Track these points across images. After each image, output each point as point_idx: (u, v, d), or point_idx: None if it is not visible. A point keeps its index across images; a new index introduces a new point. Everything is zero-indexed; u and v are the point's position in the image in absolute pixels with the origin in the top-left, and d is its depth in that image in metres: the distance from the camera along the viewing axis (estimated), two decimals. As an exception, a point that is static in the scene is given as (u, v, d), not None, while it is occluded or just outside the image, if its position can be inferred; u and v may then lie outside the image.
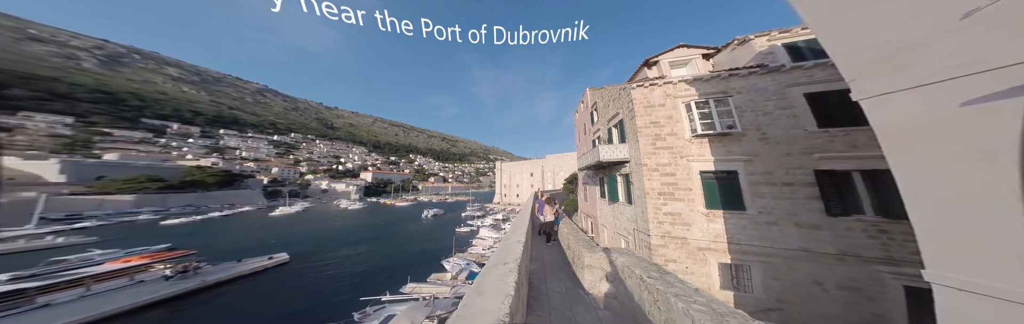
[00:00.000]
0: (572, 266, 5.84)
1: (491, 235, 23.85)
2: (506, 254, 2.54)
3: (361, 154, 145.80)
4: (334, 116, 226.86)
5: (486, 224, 30.06)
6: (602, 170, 10.43)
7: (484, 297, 1.43)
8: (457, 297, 11.78)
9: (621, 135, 9.10)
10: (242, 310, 12.41)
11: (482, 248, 20.48)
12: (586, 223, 13.02)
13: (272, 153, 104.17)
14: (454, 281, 13.80)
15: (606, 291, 4.00)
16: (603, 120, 10.88)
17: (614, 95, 9.96)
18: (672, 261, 6.56)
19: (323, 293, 13.96)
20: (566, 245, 7.59)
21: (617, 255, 4.08)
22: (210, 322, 11.53)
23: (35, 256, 19.24)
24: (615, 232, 9.52)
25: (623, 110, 8.85)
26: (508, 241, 3.23)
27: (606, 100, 10.86)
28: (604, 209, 10.61)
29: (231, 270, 16.32)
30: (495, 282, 1.65)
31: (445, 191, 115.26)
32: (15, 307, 11.50)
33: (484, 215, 40.15)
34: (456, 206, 56.73)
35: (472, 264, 15.97)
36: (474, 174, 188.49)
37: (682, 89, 7.22)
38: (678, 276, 3.03)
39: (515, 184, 55.79)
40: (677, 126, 7.08)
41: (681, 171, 6.73)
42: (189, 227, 34.50)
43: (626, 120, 8.65)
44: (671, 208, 6.71)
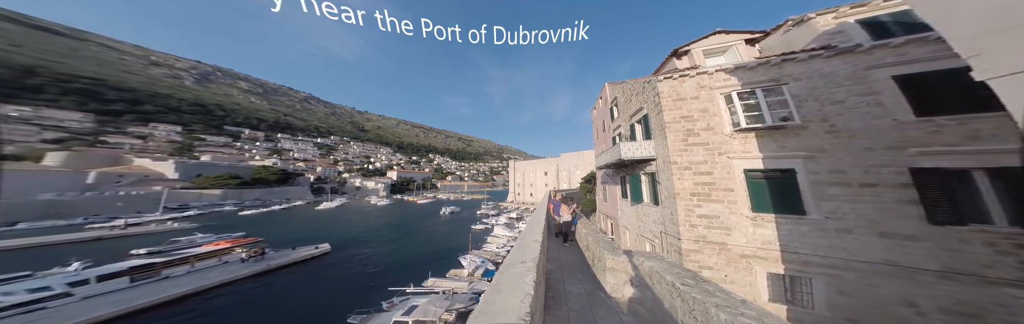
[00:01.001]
0: (592, 268, 5.48)
1: (505, 233, 23.55)
2: (523, 253, 2.46)
3: (387, 154, 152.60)
4: (364, 120, 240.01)
5: (500, 223, 29.55)
6: (624, 169, 9.50)
7: (504, 295, 1.41)
8: (474, 292, 11.71)
9: (646, 131, 8.16)
10: (294, 294, 13.42)
11: (496, 246, 20.18)
12: (605, 224, 12.09)
13: (317, 154, 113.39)
14: (470, 277, 13.76)
15: (630, 296, 3.67)
16: (624, 116, 9.93)
17: (637, 89, 9.00)
18: (707, 268, 5.63)
19: (358, 282, 14.60)
20: (585, 246, 7.16)
21: (643, 259, 3.63)
22: (269, 303, 12.54)
23: (159, 237, 23.48)
24: (639, 234, 8.60)
25: (648, 104, 7.91)
26: (524, 240, 3.02)
27: (628, 95, 9.90)
28: (626, 210, 9.68)
29: (287, 257, 17.83)
30: (513, 280, 1.63)
31: (461, 189, 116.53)
32: (149, 277, 13.93)
33: (498, 214, 39.24)
34: (471, 204, 56.25)
35: (487, 262, 15.78)
36: (488, 173, 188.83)
37: (720, 79, 6.20)
38: (719, 285, 2.60)
39: (528, 183, 54.90)
40: (714, 120, 6.08)
41: (719, 169, 5.75)
42: (257, 218, 38.95)
43: (651, 115, 7.71)
44: (707, 210, 5.76)
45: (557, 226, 7.50)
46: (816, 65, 4.95)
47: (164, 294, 12.28)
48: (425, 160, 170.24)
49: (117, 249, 18.76)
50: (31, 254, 19.59)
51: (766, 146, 5.22)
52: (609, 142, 11.65)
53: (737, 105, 5.76)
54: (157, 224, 30.81)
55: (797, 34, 5.81)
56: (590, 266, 5.79)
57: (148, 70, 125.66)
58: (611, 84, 12.41)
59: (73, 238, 24.04)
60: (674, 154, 6.40)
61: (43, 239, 23.26)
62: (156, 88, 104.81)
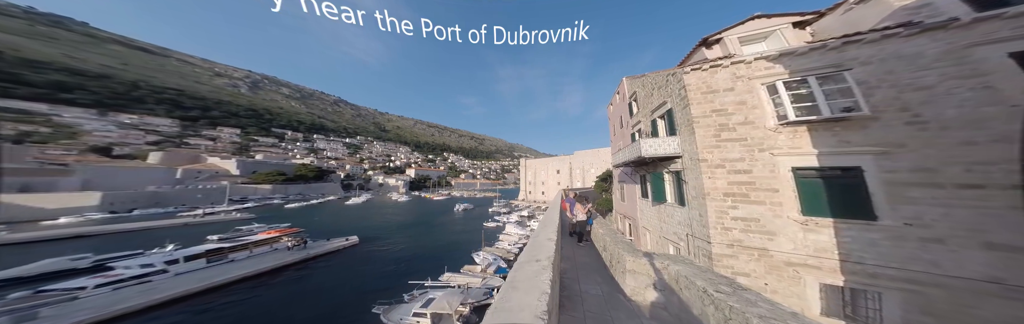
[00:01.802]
0: (610, 269, 5.21)
1: (517, 231, 23.37)
2: (537, 251, 2.36)
3: (406, 153, 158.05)
4: (385, 120, 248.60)
5: (511, 220, 28.89)
6: (644, 167, 8.76)
7: (520, 292, 1.37)
8: (487, 288, 11.67)
9: (670, 127, 7.41)
10: (328, 282, 14.25)
11: (508, 244, 20.07)
12: (623, 225, 11.37)
13: (345, 153, 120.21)
14: (483, 274, 13.73)
15: (653, 300, 3.44)
16: (645, 111, 9.14)
17: (659, 82, 8.21)
18: (742, 274, 4.94)
19: (382, 273, 15.18)
20: (602, 247, 6.75)
21: (668, 262, 3.32)
22: (308, 290, 13.45)
23: (226, 225, 26.90)
24: (661, 237, 7.89)
25: (673, 98, 7.15)
26: (538, 238, 2.92)
27: (648, 89, 9.10)
28: (646, 210, 8.96)
29: (323, 247, 19.16)
30: (529, 278, 1.59)
31: (474, 187, 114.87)
32: (219, 260, 15.69)
33: (510, 211, 38.79)
34: (484, 202, 56.42)
35: (499, 259, 15.72)
36: (499, 171, 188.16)
37: (761, 68, 5.37)
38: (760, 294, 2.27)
39: (540, 181, 53.94)
40: (753, 113, 5.29)
41: (761, 167, 4.98)
42: (299, 210, 42.89)
43: (676, 109, 6.96)
44: (744, 212, 5.04)
45: (571, 225, 7.04)
46: (892, 46, 4.05)
47: (229, 275, 13.76)
48: (440, 158, 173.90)
49: (197, 234, 21.19)
50: (141, 236, 23.00)
51: (822, 141, 4.40)
52: (627, 139, 10.87)
53: (783, 96, 4.94)
54: (225, 214, 35.07)
55: (862, 12, 4.86)
56: (608, 267, 5.51)
57: (214, 80, 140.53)
58: (629, 78, 11.56)
59: (168, 224, 28.17)
60: (704, 151, 5.68)
61: (149, 224, 27.58)
62: (220, 96, 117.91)
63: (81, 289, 11.71)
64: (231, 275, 13.73)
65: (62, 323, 9.30)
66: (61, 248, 18.19)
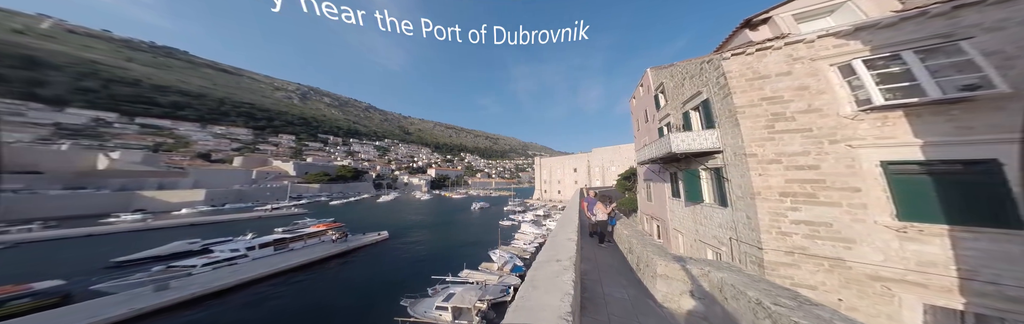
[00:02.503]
0: (637, 273, 4.90)
1: (532, 231, 22.99)
2: (557, 251, 2.24)
3: (427, 154, 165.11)
4: (408, 124, 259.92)
5: (527, 219, 28.31)
6: (674, 164, 7.86)
7: (540, 291, 1.36)
8: (504, 286, 11.60)
9: (706, 119, 6.51)
10: (363, 274, 15.22)
11: (524, 243, 19.80)
12: (650, 226, 10.43)
13: (376, 155, 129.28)
14: (500, 271, 13.68)
15: (690, 308, 3.10)
16: (675, 103, 8.22)
17: (692, 71, 7.28)
18: (806, 287, 4.09)
19: (408, 267, 15.85)
20: (627, 249, 6.29)
21: (710, 268, 2.96)
22: (347, 280, 14.35)
23: (286, 219, 30.64)
24: (697, 240, 7.01)
25: (710, 87, 6.27)
26: (557, 238, 2.78)
27: (678, 79, 8.15)
28: (678, 211, 8.05)
29: (360, 240, 20.78)
30: (549, 278, 1.54)
31: (489, 186, 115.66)
32: (283, 248, 17.70)
33: (524, 210, 37.81)
34: (499, 200, 56.18)
35: (515, 258, 15.56)
36: (514, 170, 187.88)
37: (828, 47, 4.42)
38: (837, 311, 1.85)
39: (556, 180, 52.37)
40: (820, 99, 4.36)
41: (833, 162, 4.08)
42: (340, 207, 47.44)
43: (714, 100, 6.08)
44: (809, 215, 4.17)
45: (591, 226, 6.48)
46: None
47: (289, 263, 15.56)
48: (457, 158, 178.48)
49: (266, 226, 24.08)
50: (230, 226, 27.54)
51: (930, 128, 3.43)
52: (654, 134, 9.93)
53: (864, 76, 3.97)
54: (286, 209, 40.49)
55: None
56: (634, 270, 5.13)
57: (274, 94, 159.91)
58: (655, 69, 10.54)
59: (247, 216, 33.51)
60: (752, 144, 4.83)
61: (234, 216, 33.39)
62: (279, 107, 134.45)
63: (193, 267, 14.09)
64: (291, 262, 15.54)
65: (182, 293, 11.26)
66: (181, 233, 22.62)
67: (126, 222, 28.79)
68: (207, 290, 11.70)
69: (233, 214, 34.59)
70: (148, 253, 16.92)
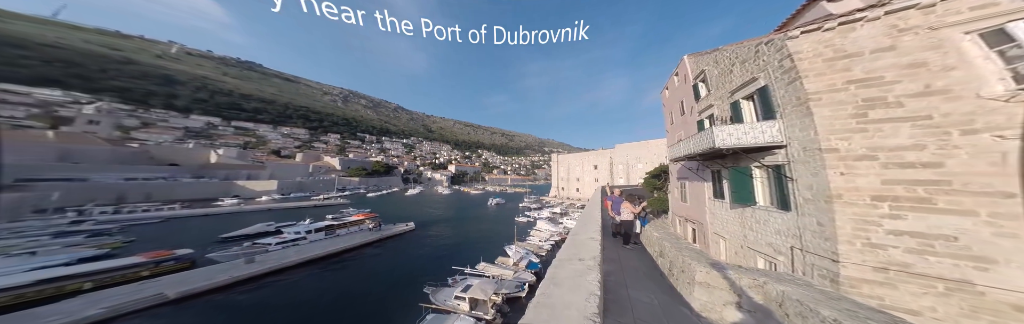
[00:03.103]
0: (668, 278, 4.70)
1: (549, 228, 22.70)
2: (579, 250, 2.15)
3: (447, 151, 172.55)
4: (431, 122, 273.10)
5: (543, 217, 28.12)
6: (718, 161, 6.93)
7: (563, 289, 1.34)
8: (519, 281, 11.63)
9: (764, 109, 5.57)
10: (393, 260, 16.58)
11: (539, 240, 19.73)
12: (683, 229, 9.48)
13: (403, 152, 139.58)
14: (515, 267, 13.75)
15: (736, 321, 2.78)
16: (721, 92, 7.19)
17: (743, 55, 6.26)
18: (905, 312, 3.33)
19: (431, 257, 16.82)
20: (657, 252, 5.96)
21: (765, 280, 2.62)
22: (379, 266, 15.78)
23: (334, 208, 35.52)
24: (744, 247, 6.15)
25: (769, 72, 5.31)
26: (579, 237, 2.68)
27: (725, 65, 7.10)
28: (720, 214, 7.14)
29: (391, 230, 22.84)
30: (572, 276, 1.52)
31: (505, 183, 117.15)
32: (332, 234, 20.02)
33: (540, 208, 37.43)
34: (515, 197, 56.26)
35: (531, 254, 15.52)
36: (529, 167, 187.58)
37: (960, 10, 3.39)
38: None
39: (574, 177, 48.85)
40: (947, 78, 3.38)
41: (967, 159, 3.14)
42: (376, 199, 53.05)
43: (776, 86, 5.14)
44: (920, 224, 3.31)
45: (615, 226, 5.99)
46: None
47: (336, 246, 17.66)
48: (475, 155, 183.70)
49: (319, 214, 28.04)
50: (293, 212, 32.26)
51: None
52: (692, 127, 8.88)
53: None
54: (334, 199, 46.75)
55: None
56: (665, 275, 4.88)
57: (323, 98, 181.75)
58: (694, 56, 9.36)
59: (305, 205, 39.43)
60: (831, 137, 3.97)
61: (297, 204, 39.76)
62: (327, 110, 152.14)
63: (269, 245, 16.79)
64: (337, 246, 17.70)
65: (262, 267, 13.61)
66: (261, 217, 27.98)
67: (227, 205, 36.10)
68: (279, 266, 14.00)
69: (296, 202, 41.27)
70: (241, 231, 20.99)
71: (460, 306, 9.77)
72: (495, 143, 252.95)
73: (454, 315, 9.24)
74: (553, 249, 18.07)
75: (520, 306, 10.32)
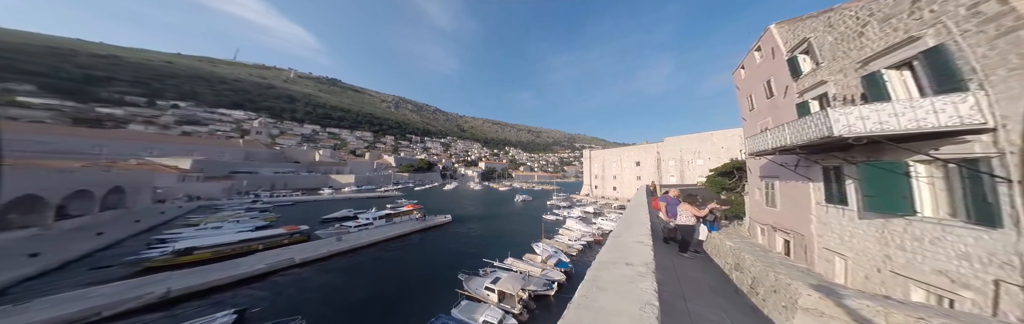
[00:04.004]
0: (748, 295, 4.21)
1: (580, 227, 21.55)
2: (626, 254, 1.98)
3: (478, 148, 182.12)
4: (463, 122, 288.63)
5: (573, 215, 26.63)
6: (835, 153, 5.18)
7: (609, 295, 1.27)
8: (547, 280, 11.44)
9: (939, 78, 3.85)
10: (433, 248, 17.61)
11: (569, 239, 18.86)
12: (769, 239, 7.57)
13: (441, 150, 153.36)
14: (544, 265, 13.50)
15: None
16: (843, 63, 5.35)
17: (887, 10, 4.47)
18: None
19: (465, 249, 16.99)
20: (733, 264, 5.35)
21: (942, 321, 1.86)
22: (423, 252, 16.79)
23: (390, 199, 41.00)
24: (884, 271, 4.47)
25: (949, 25, 3.66)
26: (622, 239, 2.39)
27: (850, 27, 5.25)
28: (839, 224, 5.38)
29: (433, 221, 24.83)
30: (621, 282, 1.42)
31: (532, 179, 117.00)
32: (389, 221, 22.61)
33: (570, 206, 35.19)
34: (542, 194, 54.89)
35: (560, 252, 15.06)
36: (558, 163, 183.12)
37: None
38: None
39: (610, 175, 43.91)
40: None
41: None
42: (421, 192, 58.57)
43: (967, 43, 3.46)
44: None
45: (668, 230, 4.90)
46: None
47: (393, 232, 20.16)
48: (502, 152, 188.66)
49: (380, 203, 33.25)
50: (364, 201, 38.63)
51: None
52: (787, 112, 6.94)
53: None
54: (390, 192, 54.21)
55: None
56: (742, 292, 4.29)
57: (380, 105, 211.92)
58: (788, 23, 7.27)
59: (371, 196, 46.75)
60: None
61: (366, 195, 47.46)
62: (383, 115, 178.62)
63: (350, 227, 19.79)
64: (394, 232, 20.17)
65: (346, 245, 16.19)
66: (345, 204, 33.13)
67: (325, 194, 45.86)
68: (356, 245, 16.36)
69: (365, 193, 49.30)
70: (333, 215, 25.83)
71: (490, 297, 9.95)
72: (521, 140, 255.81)
73: (485, 305, 9.46)
74: (585, 249, 17.16)
75: (547, 304, 10.00)
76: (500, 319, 8.56)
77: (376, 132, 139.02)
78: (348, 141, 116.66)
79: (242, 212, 26.58)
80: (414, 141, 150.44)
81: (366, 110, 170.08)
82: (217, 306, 9.27)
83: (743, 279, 5.92)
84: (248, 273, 11.54)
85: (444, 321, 8.63)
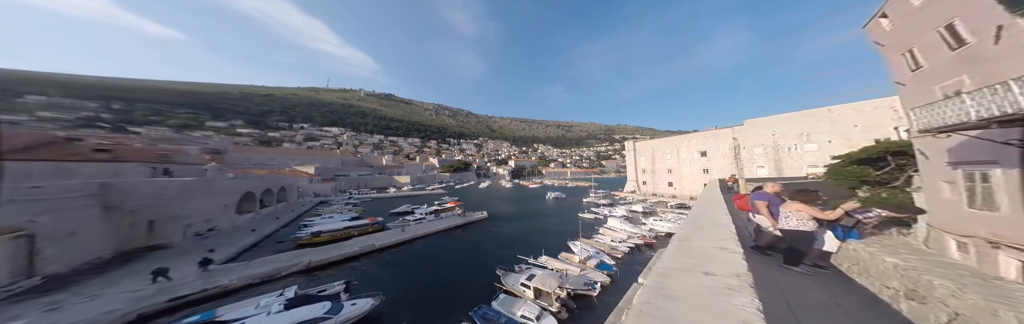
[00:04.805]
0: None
1: (625, 228, 19.19)
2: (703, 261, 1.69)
3: (507, 147, 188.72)
4: (492, 122, 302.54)
5: (616, 214, 24.53)
6: None
7: (681, 305, 1.13)
8: (589, 280, 10.74)
9: None
10: (472, 243, 18.55)
11: (611, 239, 16.94)
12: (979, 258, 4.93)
13: (474, 151, 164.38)
14: (582, 264, 12.70)
15: None
16: None
17: None
18: None
19: (501, 244, 17.63)
20: (902, 291, 4.03)
21: None
22: (463, 245, 18.04)
23: (437, 196, 46.43)
24: None
25: None
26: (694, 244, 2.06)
27: None
28: None
29: (472, 217, 26.53)
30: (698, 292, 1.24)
31: (564, 176, 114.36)
32: (436, 216, 24.83)
33: (611, 204, 32.54)
34: (576, 191, 52.94)
35: (602, 254, 13.96)
36: (594, 158, 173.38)
37: None
38: None
39: (664, 168, 37.33)
40: None
41: None
42: (460, 190, 63.91)
43: None
44: None
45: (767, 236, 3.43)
46: None
47: (441, 226, 22.34)
48: (531, 150, 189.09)
49: (430, 199, 39.01)
50: (417, 198, 44.97)
51: None
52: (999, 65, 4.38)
53: None
54: (437, 190, 61.33)
55: None
56: None
57: (424, 113, 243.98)
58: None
59: (422, 193, 53.97)
60: None
61: (418, 193, 52.85)
62: (427, 121, 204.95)
63: (409, 221, 23.00)
64: (441, 227, 21.27)
65: (406, 236, 18.42)
66: (404, 201, 39.17)
67: (391, 193, 53.18)
68: (413, 236, 18.68)
69: (417, 191, 56.16)
70: (396, 209, 30.33)
71: (526, 293, 9.95)
72: (551, 136, 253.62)
73: (522, 300, 9.47)
74: (633, 252, 15.35)
75: (588, 304, 9.57)
76: (537, 315, 8.40)
77: (422, 138, 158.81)
78: (403, 147, 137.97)
79: (342, 206, 34.02)
80: (452, 144, 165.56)
81: (414, 119, 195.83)
82: (332, 277, 12.14)
83: (925, 314, 4.00)
84: (348, 254, 14.76)
85: (485, 311, 8.92)
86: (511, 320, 8.43)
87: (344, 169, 65.69)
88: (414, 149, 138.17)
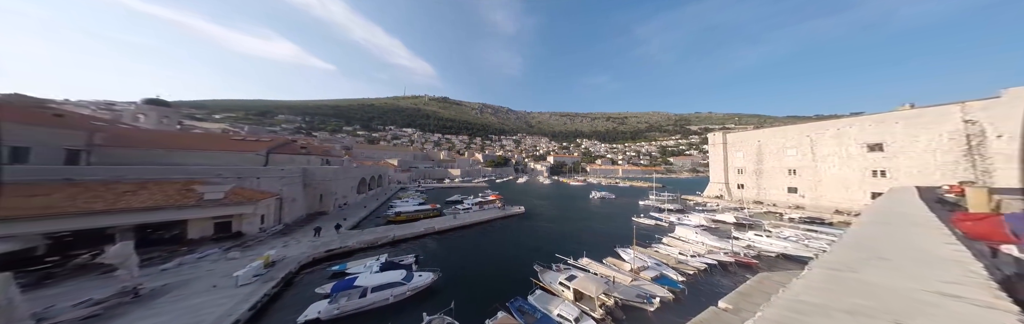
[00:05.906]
0: None
1: (704, 240, 15.68)
2: (891, 306, 1.30)
3: (546, 142, 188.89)
4: (531, 118, 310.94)
5: (690, 223, 20.80)
6: None
7: None
8: (645, 293, 9.51)
9: None
10: (511, 235, 19.20)
11: (679, 252, 14.20)
12: None
13: (513, 147, 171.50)
14: (634, 274, 11.22)
15: None
16: None
17: None
18: None
19: (537, 240, 17.74)
20: None
21: None
22: (502, 237, 18.78)
23: (480, 189, 51.65)
24: None
25: None
26: (874, 279, 1.59)
27: None
28: None
29: (510, 210, 28.22)
30: None
31: (614, 174, 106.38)
32: (479, 208, 27.30)
33: (683, 210, 27.72)
34: (629, 192, 47.71)
35: (663, 266, 11.97)
36: (659, 154, 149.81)
37: None
38: None
39: (781, 168, 27.39)
40: None
41: None
42: (500, 184, 68.96)
43: None
44: None
45: None
46: None
47: (485, 217, 24.60)
48: (573, 145, 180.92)
49: (475, 192, 43.75)
50: (466, 190, 51.34)
51: None
52: None
53: None
54: (480, 183, 68.53)
55: None
56: None
57: (471, 112, 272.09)
58: None
59: (469, 186, 61.37)
60: None
61: (466, 185, 62.25)
62: (473, 120, 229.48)
63: (459, 209, 26.23)
64: (484, 217, 23.21)
65: (459, 223, 21.01)
66: (455, 191, 45.40)
67: (446, 183, 63.17)
68: (464, 224, 20.97)
69: (466, 183, 64.91)
70: (450, 198, 35.70)
71: (564, 293, 9.61)
72: (598, 130, 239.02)
73: (559, 299, 9.20)
74: (713, 271, 12.45)
75: (641, 318, 8.66)
76: (577, 317, 8.07)
77: (470, 135, 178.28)
78: (455, 143, 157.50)
79: (414, 193, 41.95)
80: (494, 140, 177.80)
81: (463, 118, 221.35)
82: (405, 251, 14.88)
83: None
84: (417, 233, 18.40)
85: (521, 304, 8.94)
86: (546, 316, 8.39)
87: (414, 162, 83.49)
88: (463, 145, 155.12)
